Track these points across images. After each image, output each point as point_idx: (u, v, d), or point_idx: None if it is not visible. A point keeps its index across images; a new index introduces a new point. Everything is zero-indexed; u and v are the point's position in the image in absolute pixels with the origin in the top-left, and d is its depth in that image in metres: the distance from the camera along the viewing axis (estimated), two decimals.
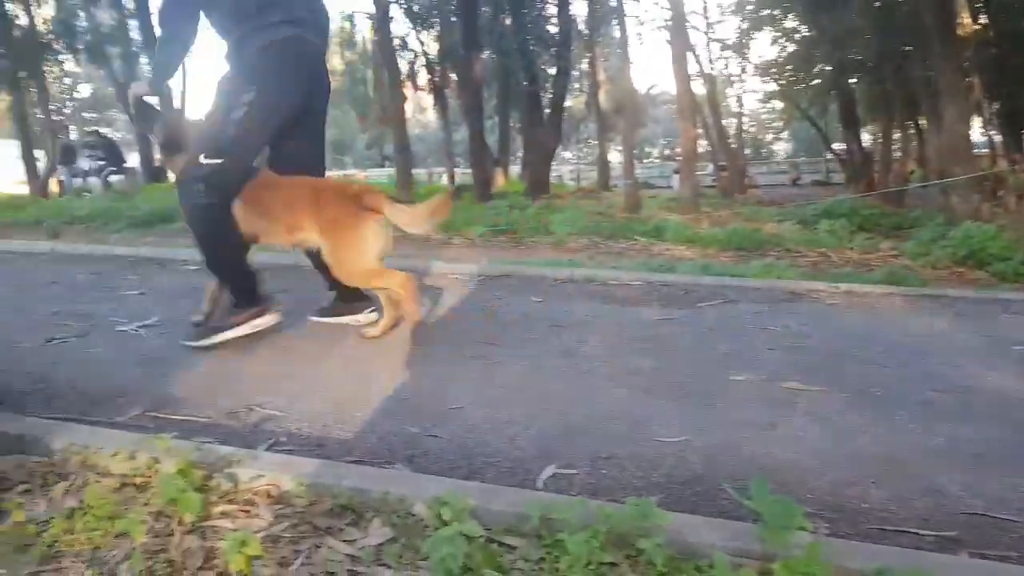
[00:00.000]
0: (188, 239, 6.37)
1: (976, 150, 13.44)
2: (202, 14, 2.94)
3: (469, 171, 17.68)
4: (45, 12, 18.73)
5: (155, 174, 17.91)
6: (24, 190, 17.14)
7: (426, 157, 44.78)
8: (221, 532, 1.52)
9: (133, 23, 17.56)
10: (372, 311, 3.37)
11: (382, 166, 38.63)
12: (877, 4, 15.87)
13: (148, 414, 2.28)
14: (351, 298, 3.38)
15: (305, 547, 1.49)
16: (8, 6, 16.54)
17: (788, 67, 24.74)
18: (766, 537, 1.41)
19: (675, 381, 2.66)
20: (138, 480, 1.72)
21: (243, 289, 3.12)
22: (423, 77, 22.77)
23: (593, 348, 3.09)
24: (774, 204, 13.70)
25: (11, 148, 19.97)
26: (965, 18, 13.27)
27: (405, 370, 2.76)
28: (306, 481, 1.68)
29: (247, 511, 1.61)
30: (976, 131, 18.22)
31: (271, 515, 1.60)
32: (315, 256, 3.18)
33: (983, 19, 15.28)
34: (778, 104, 31.09)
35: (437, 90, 22.63)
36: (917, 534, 1.63)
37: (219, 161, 2.88)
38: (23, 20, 17.04)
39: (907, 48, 13.85)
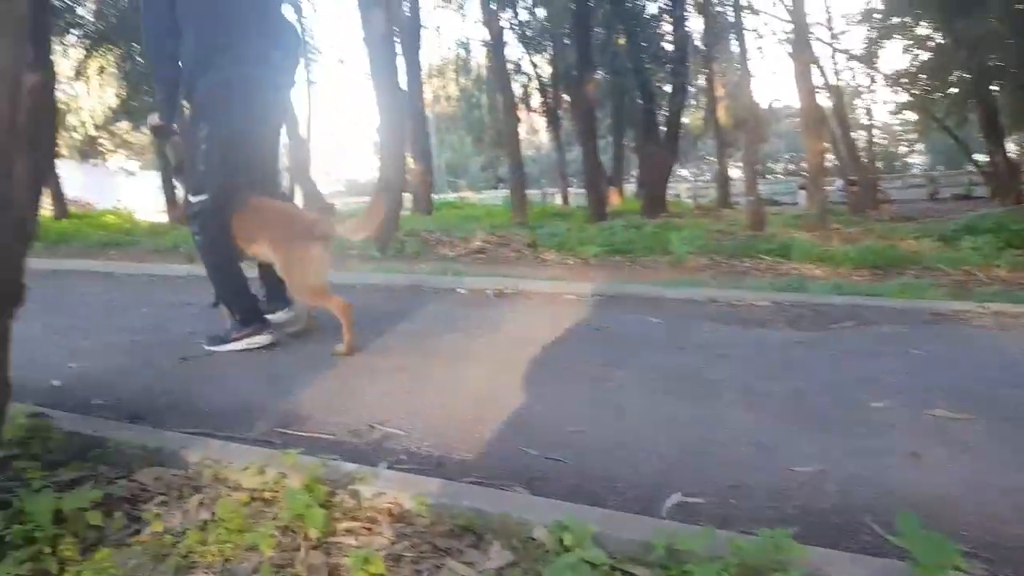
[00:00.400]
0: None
1: None
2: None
3: (583, 191, 17.67)
4: None
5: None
6: (165, 218, 18.34)
7: (539, 178, 45.26)
8: (345, 549, 1.54)
9: None
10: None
11: (496, 188, 39.27)
12: (1019, 6, 14.85)
13: (276, 430, 2.35)
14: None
15: (426, 567, 1.48)
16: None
17: (921, 76, 23.51)
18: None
19: (808, 407, 2.52)
20: (267, 494, 1.77)
21: (245, 310, 3.42)
22: (536, 99, 23.05)
23: (717, 371, 2.97)
24: (910, 220, 12.94)
25: (154, 179, 21.49)
26: None
27: (523, 391, 2.74)
28: (427, 500, 1.68)
29: (370, 528, 1.62)
30: None
31: (393, 533, 1.60)
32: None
33: None
34: (912, 115, 29.54)
35: (550, 111, 22.86)
36: None
37: (204, 197, 3.28)
38: None
39: None
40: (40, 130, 1.60)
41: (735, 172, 25.17)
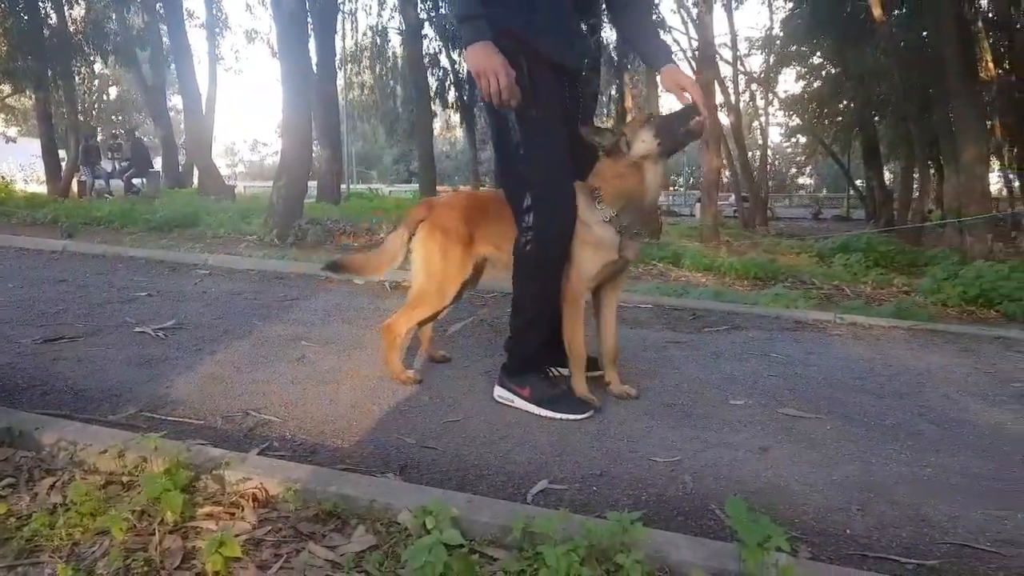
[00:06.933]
0: (201, 243, 6.33)
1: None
2: None
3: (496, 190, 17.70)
4: (76, 13, 18.18)
5: (178, 179, 17.98)
6: (44, 189, 16.95)
7: (453, 175, 45.03)
8: (204, 533, 1.53)
9: (163, 27, 17.35)
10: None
11: (409, 181, 38.86)
12: (902, 43, 15.91)
13: (143, 414, 2.30)
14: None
15: (286, 551, 1.50)
16: (40, 5, 16.06)
17: (813, 103, 24.87)
18: (743, 556, 1.42)
19: (675, 403, 2.67)
20: (125, 479, 1.74)
21: (522, 353, 2.57)
22: (452, 95, 22.85)
23: None
24: (794, 237, 13.67)
25: (35, 147, 19.70)
26: (988, 62, 13.30)
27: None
28: (294, 486, 1.68)
29: (232, 513, 1.62)
30: (995, 173, 18.28)
31: (256, 518, 1.61)
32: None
33: (1007, 64, 15.38)
34: (802, 139, 31.16)
35: (465, 108, 22.74)
36: (898, 561, 1.63)
37: (537, 190, 2.40)
38: (54, 19, 16.62)
39: (930, 89, 13.84)
40: None
41: None
